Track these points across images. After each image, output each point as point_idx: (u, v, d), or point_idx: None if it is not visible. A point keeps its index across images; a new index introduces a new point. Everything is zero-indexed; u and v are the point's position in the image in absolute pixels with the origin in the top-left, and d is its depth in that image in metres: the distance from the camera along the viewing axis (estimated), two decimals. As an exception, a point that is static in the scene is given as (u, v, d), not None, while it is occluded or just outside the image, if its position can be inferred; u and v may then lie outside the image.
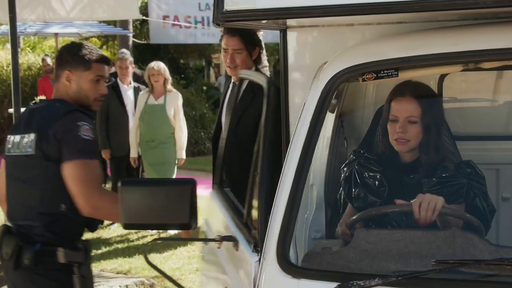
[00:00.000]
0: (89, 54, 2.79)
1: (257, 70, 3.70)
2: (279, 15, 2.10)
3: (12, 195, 2.87)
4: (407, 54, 2.03)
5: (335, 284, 1.76)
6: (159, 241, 2.35)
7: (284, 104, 3.17)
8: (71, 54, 2.80)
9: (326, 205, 2.73)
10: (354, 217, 2.27)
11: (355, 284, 1.73)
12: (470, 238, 1.90)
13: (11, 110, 8.08)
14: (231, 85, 3.83)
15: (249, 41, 3.66)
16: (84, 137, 2.70)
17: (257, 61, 3.66)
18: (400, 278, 1.74)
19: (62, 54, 2.86)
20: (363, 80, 2.04)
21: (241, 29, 3.51)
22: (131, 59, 7.35)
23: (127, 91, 7.03)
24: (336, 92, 2.15)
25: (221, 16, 1.99)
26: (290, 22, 2.83)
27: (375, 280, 1.73)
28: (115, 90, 6.89)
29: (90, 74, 2.79)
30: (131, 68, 7.24)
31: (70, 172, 2.69)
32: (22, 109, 6.07)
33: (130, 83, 7.10)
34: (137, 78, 7.98)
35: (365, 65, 2.03)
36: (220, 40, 3.85)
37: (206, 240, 2.43)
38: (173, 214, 2.17)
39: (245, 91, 3.51)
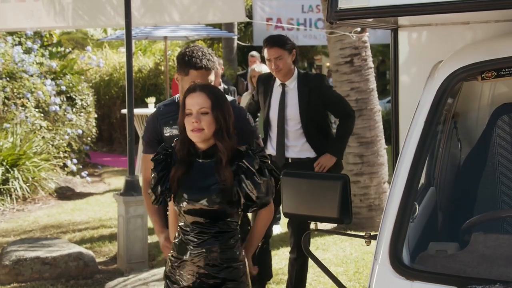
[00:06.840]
0: (188, 62, 3.04)
1: (298, 68, 4.40)
2: (392, 13, 2.07)
3: None
4: (531, 52, 1.94)
5: (452, 288, 1.71)
6: (315, 232, 2.81)
7: (394, 105, 3.11)
8: (178, 59, 3.12)
9: (439, 207, 2.65)
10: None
11: (473, 288, 1.68)
12: None
13: (124, 111, 8.51)
14: (278, 86, 4.40)
15: (286, 47, 4.25)
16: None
17: (295, 61, 4.34)
18: (522, 284, 1.66)
19: (176, 58, 3.20)
20: (482, 78, 1.97)
21: (278, 40, 4.26)
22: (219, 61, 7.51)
23: None
24: (451, 91, 2.08)
25: (335, 14, 2.00)
26: (402, 21, 2.77)
27: (496, 285, 1.66)
28: None
29: (188, 80, 3.04)
30: (220, 70, 7.35)
31: None
32: (135, 110, 6.39)
33: (220, 85, 7.26)
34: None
35: (485, 63, 1.96)
36: (261, 52, 4.40)
37: (354, 236, 2.45)
38: (325, 208, 2.22)
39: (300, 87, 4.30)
